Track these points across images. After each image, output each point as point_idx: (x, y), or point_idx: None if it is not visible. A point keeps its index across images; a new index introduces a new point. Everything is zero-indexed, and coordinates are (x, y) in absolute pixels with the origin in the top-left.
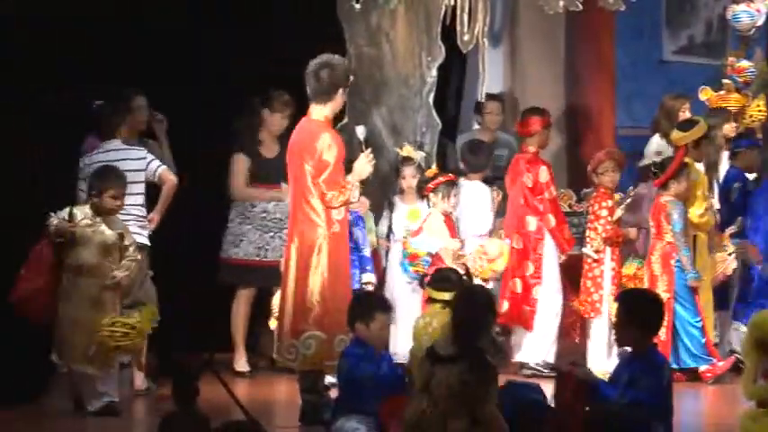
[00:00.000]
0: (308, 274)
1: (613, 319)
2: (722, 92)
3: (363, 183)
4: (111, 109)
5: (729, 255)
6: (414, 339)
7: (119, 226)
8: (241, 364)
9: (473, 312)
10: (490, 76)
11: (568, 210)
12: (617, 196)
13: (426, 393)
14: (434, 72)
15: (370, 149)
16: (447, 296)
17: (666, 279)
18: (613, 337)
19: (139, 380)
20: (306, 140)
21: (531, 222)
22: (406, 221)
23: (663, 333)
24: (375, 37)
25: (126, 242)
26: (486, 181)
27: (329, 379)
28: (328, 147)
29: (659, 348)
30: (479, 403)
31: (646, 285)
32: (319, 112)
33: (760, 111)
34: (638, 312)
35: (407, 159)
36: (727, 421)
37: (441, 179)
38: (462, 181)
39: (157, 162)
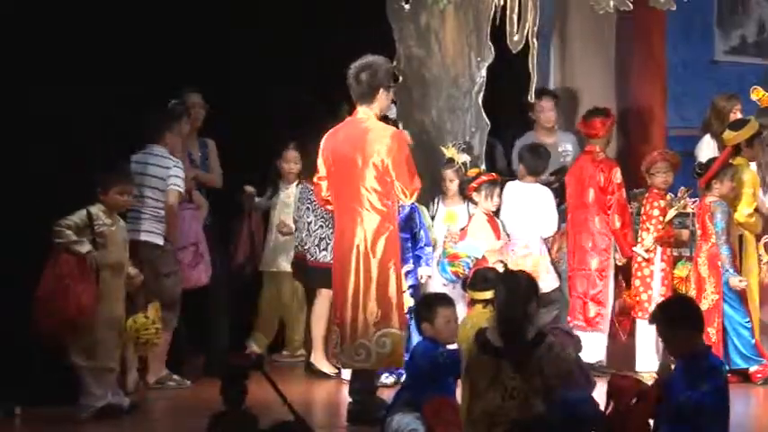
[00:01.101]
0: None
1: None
2: None
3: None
4: (157, 115)
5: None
6: (460, 342)
7: None
8: (324, 364)
9: (515, 297)
10: (540, 78)
11: None
12: (669, 197)
13: (496, 386)
14: (484, 72)
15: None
16: (488, 295)
17: (714, 280)
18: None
19: (132, 381)
20: (361, 139)
21: (599, 221)
22: (442, 224)
23: (714, 334)
24: (424, 37)
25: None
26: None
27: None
28: (388, 145)
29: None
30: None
31: (692, 287)
32: (365, 112)
33: None
34: (679, 317)
35: (450, 161)
36: None
37: (483, 178)
38: (518, 183)
39: (174, 181)
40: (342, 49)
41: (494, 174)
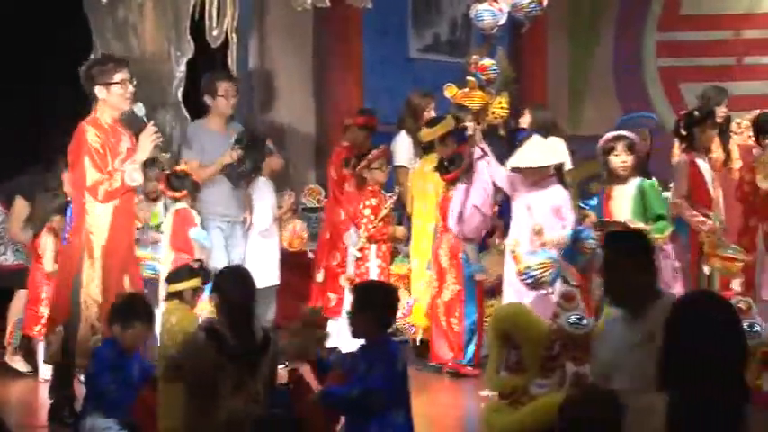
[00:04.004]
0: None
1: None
2: (466, 89)
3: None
4: None
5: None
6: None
7: None
8: (20, 363)
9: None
10: (240, 72)
11: (317, 205)
12: (384, 194)
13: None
14: (183, 67)
15: (152, 123)
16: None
17: (455, 271)
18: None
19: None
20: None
21: None
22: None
23: (456, 324)
24: (123, 31)
25: None
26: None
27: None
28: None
29: None
30: None
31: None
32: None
33: (502, 108)
34: (371, 302)
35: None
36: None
37: None
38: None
39: None
40: (38, 42)
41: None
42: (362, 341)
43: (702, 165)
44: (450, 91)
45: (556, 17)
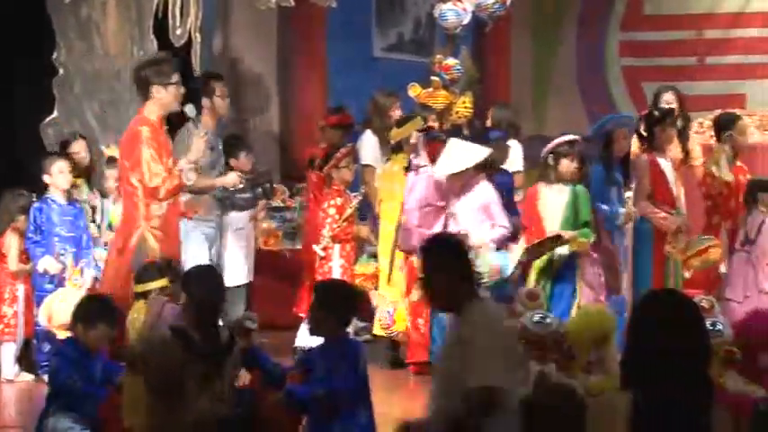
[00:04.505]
0: None
1: None
2: (430, 89)
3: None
4: None
5: None
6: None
7: None
8: None
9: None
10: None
11: (282, 205)
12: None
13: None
14: None
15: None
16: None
17: None
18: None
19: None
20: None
21: None
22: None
23: (422, 325)
24: (86, 30)
25: None
26: None
27: None
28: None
29: None
30: None
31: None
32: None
33: (466, 107)
34: (331, 302)
35: (111, 160)
36: None
37: None
38: None
39: None
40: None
41: None
42: (322, 340)
43: (663, 163)
44: (415, 90)
45: (519, 16)
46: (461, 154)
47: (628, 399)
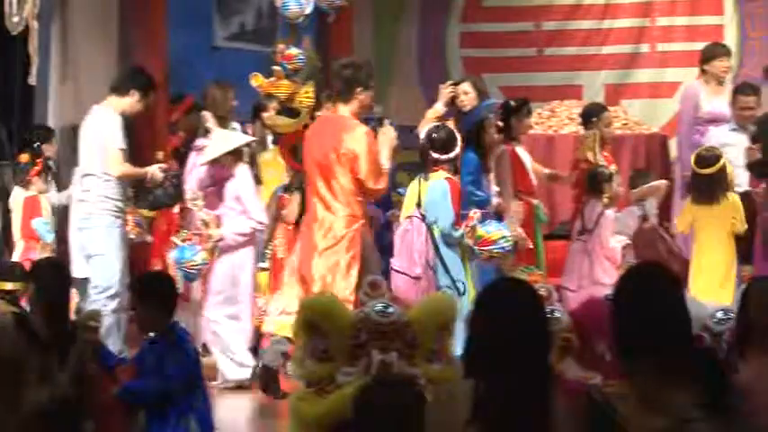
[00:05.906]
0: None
1: None
2: (273, 78)
3: None
4: None
5: None
6: None
7: None
8: None
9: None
10: (42, 59)
11: None
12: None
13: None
14: None
15: (389, 120)
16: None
17: None
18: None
19: None
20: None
21: None
22: None
23: None
24: None
25: None
26: None
27: None
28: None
29: None
30: None
31: None
32: (342, 109)
33: (308, 97)
34: (155, 291)
35: None
36: None
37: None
38: None
39: None
40: None
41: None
42: (151, 334)
43: (522, 153)
44: (257, 80)
45: (361, 6)
46: (216, 142)
47: (469, 388)
